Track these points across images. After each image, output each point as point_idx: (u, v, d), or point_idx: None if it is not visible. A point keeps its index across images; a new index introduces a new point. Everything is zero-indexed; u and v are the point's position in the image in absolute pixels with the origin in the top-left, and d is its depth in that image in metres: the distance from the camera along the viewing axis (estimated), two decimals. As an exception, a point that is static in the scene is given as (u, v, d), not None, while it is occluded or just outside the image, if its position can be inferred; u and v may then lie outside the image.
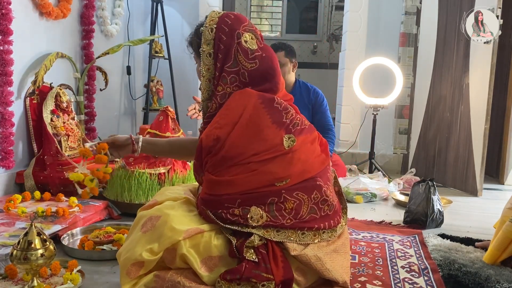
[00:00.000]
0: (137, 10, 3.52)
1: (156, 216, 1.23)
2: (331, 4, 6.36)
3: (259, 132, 1.24)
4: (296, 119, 1.31)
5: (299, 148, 1.26)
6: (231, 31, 1.31)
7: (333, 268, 1.25)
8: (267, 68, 1.32)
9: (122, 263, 1.22)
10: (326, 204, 1.28)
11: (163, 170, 2.06)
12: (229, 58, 1.30)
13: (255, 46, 1.33)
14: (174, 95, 3.44)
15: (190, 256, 1.18)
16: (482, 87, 2.74)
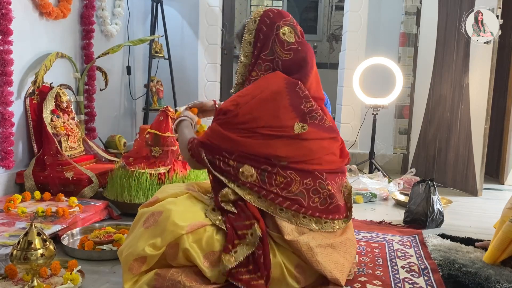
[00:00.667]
0: (137, 10, 3.52)
1: (158, 212, 1.24)
2: (331, 4, 6.37)
3: (276, 109, 1.27)
4: (315, 112, 1.33)
5: (309, 138, 1.28)
6: (272, 23, 1.38)
7: (323, 261, 1.24)
8: (300, 60, 1.37)
9: (124, 259, 1.22)
10: (317, 195, 1.28)
11: (163, 170, 2.06)
12: (266, 47, 1.37)
13: (293, 40, 1.39)
14: (174, 95, 3.44)
15: (192, 251, 1.18)
16: (482, 87, 2.73)
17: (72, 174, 2.13)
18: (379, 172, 3.01)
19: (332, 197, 1.30)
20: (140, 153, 2.11)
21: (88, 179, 2.14)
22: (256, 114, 1.27)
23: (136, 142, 2.18)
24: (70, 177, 2.12)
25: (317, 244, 1.24)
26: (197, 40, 3.60)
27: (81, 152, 2.44)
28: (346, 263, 1.31)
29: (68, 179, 2.12)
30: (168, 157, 2.10)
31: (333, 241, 1.30)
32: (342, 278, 1.27)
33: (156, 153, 2.09)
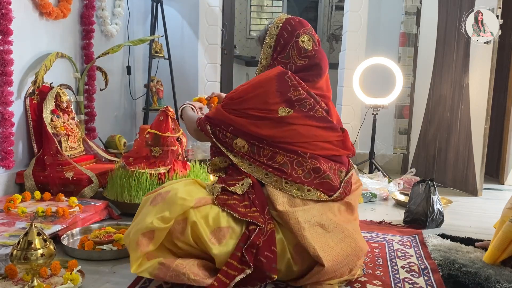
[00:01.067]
0: (137, 10, 3.52)
1: (165, 192, 1.30)
2: (331, 4, 6.37)
3: (264, 94, 1.40)
4: (305, 101, 1.41)
5: (294, 122, 1.38)
6: (293, 31, 1.49)
7: (310, 237, 1.26)
8: (312, 65, 1.49)
9: (132, 237, 1.24)
10: (301, 168, 1.37)
11: (163, 170, 2.07)
12: (284, 51, 1.49)
13: (310, 47, 1.49)
14: (174, 95, 3.44)
15: (200, 226, 1.23)
16: (482, 87, 2.73)
17: (72, 174, 2.13)
18: (379, 172, 3.01)
19: (317, 171, 1.37)
20: (140, 153, 2.11)
21: (88, 179, 2.14)
22: (246, 97, 1.41)
23: (136, 142, 2.18)
24: (70, 177, 2.12)
25: (306, 220, 1.30)
26: (197, 40, 3.60)
27: (81, 152, 2.44)
28: (338, 249, 1.29)
29: (68, 179, 2.12)
30: (168, 157, 2.10)
31: (324, 220, 1.32)
32: (326, 259, 1.25)
33: (156, 153, 2.09)
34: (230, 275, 1.20)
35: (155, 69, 3.50)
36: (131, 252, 1.24)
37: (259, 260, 1.22)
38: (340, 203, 1.42)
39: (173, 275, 1.21)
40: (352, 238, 1.34)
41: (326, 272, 1.25)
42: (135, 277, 1.37)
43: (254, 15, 6.83)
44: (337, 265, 1.27)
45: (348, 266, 1.31)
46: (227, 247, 1.24)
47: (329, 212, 1.36)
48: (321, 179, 1.37)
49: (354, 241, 1.34)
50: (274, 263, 1.24)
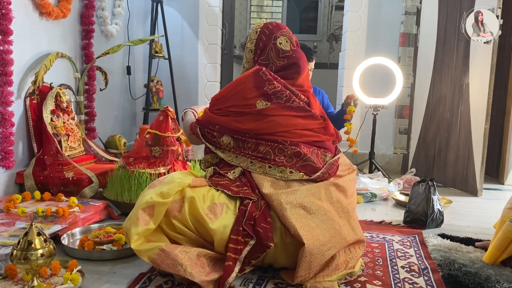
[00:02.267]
0: (137, 10, 3.52)
1: (162, 178, 1.42)
2: (331, 4, 6.37)
3: (242, 91, 1.49)
4: (281, 93, 1.48)
5: (273, 113, 1.46)
6: (270, 34, 1.58)
7: (292, 217, 1.32)
8: (291, 64, 1.56)
9: (132, 214, 1.31)
10: (282, 154, 1.44)
11: (163, 170, 2.06)
12: (263, 54, 1.58)
13: (288, 48, 1.57)
14: (174, 95, 3.44)
15: (197, 202, 1.32)
16: (482, 87, 2.73)
17: (72, 174, 2.13)
18: (379, 172, 3.01)
19: (298, 155, 1.44)
20: (140, 153, 2.11)
21: (88, 179, 2.14)
22: (227, 96, 1.51)
23: (136, 142, 2.18)
24: (70, 177, 2.12)
25: (288, 201, 1.36)
26: (197, 40, 3.60)
27: (81, 152, 2.44)
28: (319, 230, 1.33)
29: (68, 179, 2.12)
30: (168, 157, 2.10)
31: (308, 204, 1.37)
32: (305, 237, 1.29)
33: (156, 153, 2.09)
34: (238, 249, 1.29)
35: (155, 69, 3.51)
36: (131, 228, 1.28)
37: (257, 231, 1.30)
38: (328, 185, 1.45)
39: (170, 264, 1.24)
40: (336, 221, 1.38)
41: (309, 252, 1.27)
42: (135, 277, 1.37)
43: (254, 15, 6.83)
44: (320, 246, 1.30)
45: (334, 248, 1.32)
46: (223, 221, 1.31)
47: (312, 195, 1.40)
48: (303, 162, 1.45)
49: (338, 224, 1.38)
50: (270, 232, 1.32)
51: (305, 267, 1.28)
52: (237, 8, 6.18)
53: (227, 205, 1.36)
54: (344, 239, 1.35)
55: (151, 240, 1.31)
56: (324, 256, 1.29)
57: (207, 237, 1.34)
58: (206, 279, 1.24)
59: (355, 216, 1.50)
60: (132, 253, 1.40)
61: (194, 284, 1.26)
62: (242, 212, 1.34)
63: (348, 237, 1.37)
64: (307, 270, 1.29)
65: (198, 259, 1.28)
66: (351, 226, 1.42)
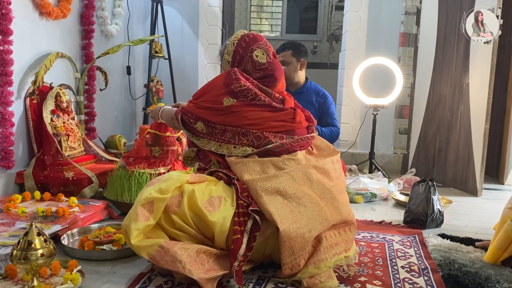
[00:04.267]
0: (137, 10, 3.52)
1: (160, 176, 1.44)
2: (331, 4, 6.36)
3: (213, 88, 1.59)
4: (247, 92, 1.54)
5: (237, 109, 1.53)
6: (247, 46, 1.64)
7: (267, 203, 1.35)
8: (266, 75, 1.62)
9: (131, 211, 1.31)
10: (245, 138, 1.52)
11: (163, 170, 2.06)
12: (240, 66, 1.63)
13: (264, 60, 1.62)
14: (174, 95, 3.44)
15: (196, 194, 1.34)
16: (482, 87, 2.73)
17: (72, 174, 2.13)
18: (379, 172, 3.01)
19: (259, 138, 1.51)
20: (140, 153, 2.11)
21: (88, 179, 2.14)
22: (203, 93, 1.62)
23: (136, 142, 2.18)
24: (70, 177, 2.12)
25: (263, 188, 1.39)
26: (197, 40, 3.60)
27: (81, 152, 2.44)
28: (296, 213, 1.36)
29: (68, 179, 2.12)
30: (168, 157, 2.10)
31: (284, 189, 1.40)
32: (280, 222, 1.31)
33: (156, 153, 2.09)
34: (242, 221, 1.33)
35: (155, 69, 3.51)
36: (131, 224, 1.28)
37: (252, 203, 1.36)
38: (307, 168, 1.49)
39: (169, 260, 1.24)
40: (315, 203, 1.40)
41: (286, 236, 1.29)
42: (135, 277, 1.37)
43: (254, 15, 6.83)
44: (298, 229, 1.31)
45: (315, 230, 1.34)
46: (222, 213, 1.33)
47: (290, 180, 1.43)
48: (264, 145, 1.51)
49: (318, 205, 1.40)
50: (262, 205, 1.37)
51: (287, 252, 1.30)
52: (237, 8, 6.18)
53: (225, 197, 1.39)
54: (325, 219, 1.38)
55: (150, 237, 1.32)
56: (305, 239, 1.31)
57: (206, 232, 1.34)
58: (205, 276, 1.23)
59: (342, 198, 1.51)
60: (132, 253, 1.41)
61: (194, 284, 1.26)
62: (237, 189, 1.40)
63: (330, 217, 1.40)
64: (291, 255, 1.30)
65: (198, 256, 1.28)
66: (334, 207, 1.44)
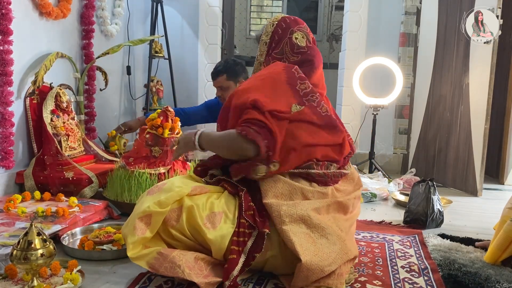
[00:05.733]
0: (137, 10, 3.52)
1: (162, 183, 1.38)
2: (331, 4, 6.37)
3: (273, 84, 1.40)
4: (311, 95, 1.42)
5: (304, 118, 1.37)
6: (287, 28, 1.54)
7: (290, 232, 1.27)
8: (305, 61, 1.50)
9: (129, 222, 1.29)
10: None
11: (163, 170, 2.06)
12: (278, 47, 1.53)
13: (304, 44, 1.52)
14: (174, 95, 3.44)
15: (195, 210, 1.29)
16: (482, 87, 2.74)
17: (72, 174, 2.13)
18: (379, 172, 3.01)
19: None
20: (140, 153, 2.11)
21: (88, 179, 2.14)
22: (253, 88, 1.40)
23: (136, 142, 2.18)
24: (70, 177, 2.12)
25: (288, 213, 1.30)
26: (197, 40, 3.60)
27: (81, 152, 2.44)
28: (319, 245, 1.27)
29: (68, 179, 2.12)
30: (168, 157, 2.10)
31: (309, 218, 1.30)
32: (303, 253, 1.23)
33: (156, 153, 2.09)
34: (241, 242, 1.27)
35: (155, 69, 3.51)
36: (128, 237, 1.27)
37: (256, 221, 1.30)
38: (332, 202, 1.40)
39: (168, 267, 1.23)
40: (337, 235, 1.32)
41: (306, 268, 1.22)
42: (135, 277, 1.37)
43: (254, 15, 6.83)
44: (320, 261, 1.23)
45: (335, 264, 1.26)
46: (221, 231, 1.28)
47: (313, 210, 1.34)
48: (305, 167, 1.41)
49: (340, 239, 1.32)
50: (267, 222, 1.31)
51: (302, 279, 1.24)
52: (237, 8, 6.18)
53: (226, 214, 1.32)
54: (345, 253, 1.30)
55: (148, 246, 1.29)
56: (324, 272, 1.24)
57: (205, 245, 1.32)
58: (205, 281, 1.22)
59: (352, 231, 1.48)
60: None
61: (194, 284, 1.26)
62: (240, 207, 1.33)
63: (349, 251, 1.32)
64: (304, 281, 1.24)
65: (196, 262, 1.26)
66: (352, 241, 1.40)
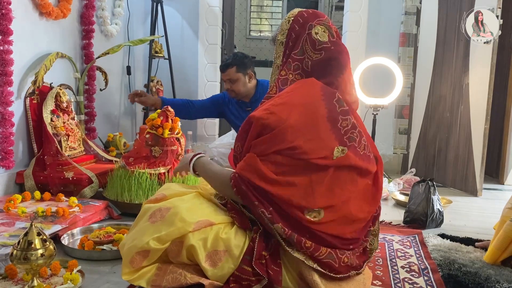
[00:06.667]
0: (137, 10, 3.52)
1: (166, 208, 1.24)
2: (331, 4, 6.37)
3: (315, 123, 1.19)
4: (352, 133, 1.23)
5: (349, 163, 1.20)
6: (305, 23, 1.32)
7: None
8: (330, 59, 1.29)
9: (126, 251, 1.22)
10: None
11: (163, 170, 2.06)
12: (297, 46, 1.31)
13: (326, 39, 1.30)
14: (174, 95, 3.44)
15: (197, 249, 1.18)
16: (482, 87, 2.74)
17: (72, 174, 2.13)
18: (379, 172, 3.01)
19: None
20: (140, 153, 2.11)
21: (88, 179, 2.14)
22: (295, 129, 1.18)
23: (136, 142, 2.18)
24: (70, 177, 2.12)
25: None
26: (197, 40, 3.60)
27: (81, 152, 2.44)
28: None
29: (68, 179, 2.12)
30: (168, 157, 2.10)
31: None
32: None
33: (156, 153, 2.09)
34: (244, 285, 1.17)
35: (155, 69, 3.51)
36: (123, 265, 1.23)
37: (267, 273, 1.18)
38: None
39: (169, 278, 1.20)
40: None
41: None
42: (135, 277, 1.37)
43: (254, 15, 6.83)
44: None
45: None
46: (222, 270, 1.19)
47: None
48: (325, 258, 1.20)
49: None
50: (280, 275, 1.20)
51: None
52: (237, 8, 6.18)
53: (230, 252, 1.20)
54: None
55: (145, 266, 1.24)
56: None
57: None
58: (209, 280, 1.20)
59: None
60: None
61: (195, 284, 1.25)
62: (250, 249, 1.19)
63: None
64: None
65: (195, 271, 1.23)
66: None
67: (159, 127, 2.08)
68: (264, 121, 1.18)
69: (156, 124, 2.08)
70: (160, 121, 2.09)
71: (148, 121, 2.11)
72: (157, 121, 2.08)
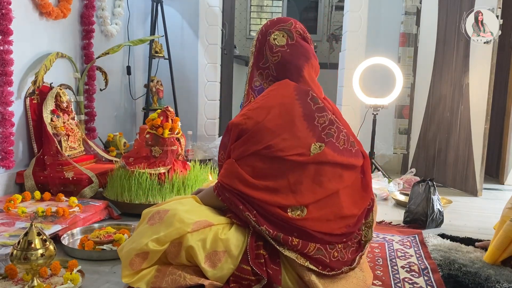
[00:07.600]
0: (137, 10, 3.52)
1: (164, 210, 1.26)
2: (331, 4, 6.37)
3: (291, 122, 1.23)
4: (329, 129, 1.27)
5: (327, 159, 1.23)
6: (266, 31, 1.37)
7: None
8: (286, 62, 1.33)
9: (125, 254, 1.23)
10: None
11: (163, 170, 2.06)
12: (262, 56, 1.37)
13: (283, 43, 1.34)
14: (174, 95, 3.44)
15: (196, 249, 1.19)
16: (482, 87, 2.74)
17: (72, 174, 2.13)
18: (379, 172, 3.01)
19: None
20: (140, 153, 2.11)
21: (88, 179, 2.14)
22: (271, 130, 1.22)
23: (136, 142, 2.18)
24: (70, 177, 2.12)
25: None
26: (197, 40, 3.60)
27: (81, 152, 2.44)
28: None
29: (68, 179, 2.12)
30: (168, 157, 2.10)
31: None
32: None
33: (156, 153, 2.09)
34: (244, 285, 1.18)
35: (155, 69, 3.50)
36: (123, 267, 1.24)
37: (266, 272, 1.19)
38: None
39: (169, 280, 1.20)
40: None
41: None
42: (135, 277, 1.37)
43: (254, 15, 6.82)
44: None
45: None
46: (222, 271, 1.20)
47: None
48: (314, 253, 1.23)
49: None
50: (280, 275, 1.21)
51: None
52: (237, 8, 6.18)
53: (229, 253, 1.21)
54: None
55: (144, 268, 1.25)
56: None
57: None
58: (208, 280, 1.21)
59: None
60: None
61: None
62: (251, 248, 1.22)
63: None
64: None
65: (195, 272, 1.23)
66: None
67: (159, 127, 2.08)
68: (242, 126, 1.24)
69: (156, 124, 2.08)
70: (160, 121, 2.09)
71: (148, 121, 2.11)
72: (157, 121, 2.08)
